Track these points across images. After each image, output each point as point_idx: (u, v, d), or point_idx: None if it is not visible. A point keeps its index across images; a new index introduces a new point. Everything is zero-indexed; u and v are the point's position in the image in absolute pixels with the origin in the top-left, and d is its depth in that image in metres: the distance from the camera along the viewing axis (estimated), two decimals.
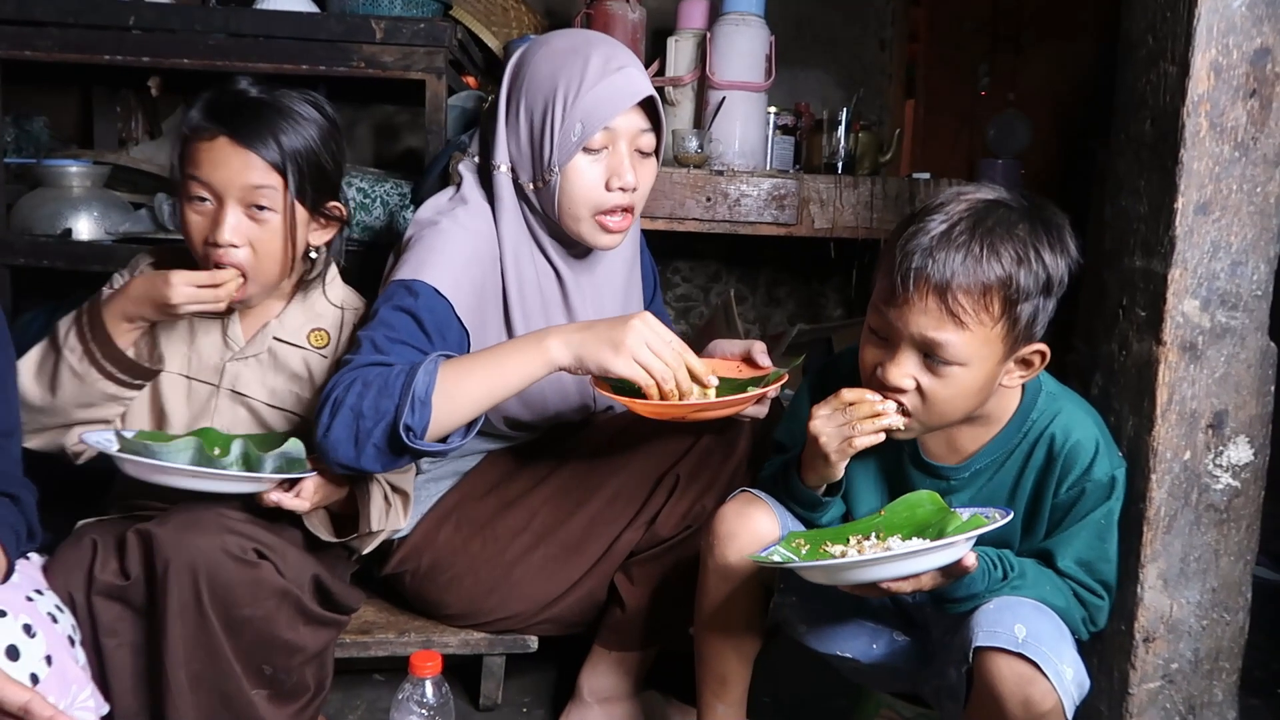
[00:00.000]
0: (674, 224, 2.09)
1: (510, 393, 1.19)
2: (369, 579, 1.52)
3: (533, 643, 1.52)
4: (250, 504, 1.26)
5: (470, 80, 2.41)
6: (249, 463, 1.24)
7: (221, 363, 1.38)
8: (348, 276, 1.50)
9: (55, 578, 1.15)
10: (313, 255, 1.40)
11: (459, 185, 1.43)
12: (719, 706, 1.32)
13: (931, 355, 1.10)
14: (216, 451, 1.26)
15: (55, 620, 1.05)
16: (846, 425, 1.13)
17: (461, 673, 1.65)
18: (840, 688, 1.48)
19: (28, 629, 0.99)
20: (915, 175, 2.18)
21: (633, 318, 1.17)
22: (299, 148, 1.30)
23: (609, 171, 1.34)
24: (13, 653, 0.97)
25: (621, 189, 1.34)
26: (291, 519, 1.31)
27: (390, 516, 1.33)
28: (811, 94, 2.63)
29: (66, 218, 2.14)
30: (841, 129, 2.20)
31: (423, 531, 1.47)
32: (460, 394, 1.16)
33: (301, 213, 1.33)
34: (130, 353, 1.28)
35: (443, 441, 1.18)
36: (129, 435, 1.27)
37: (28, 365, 1.29)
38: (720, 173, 2.09)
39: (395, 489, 1.35)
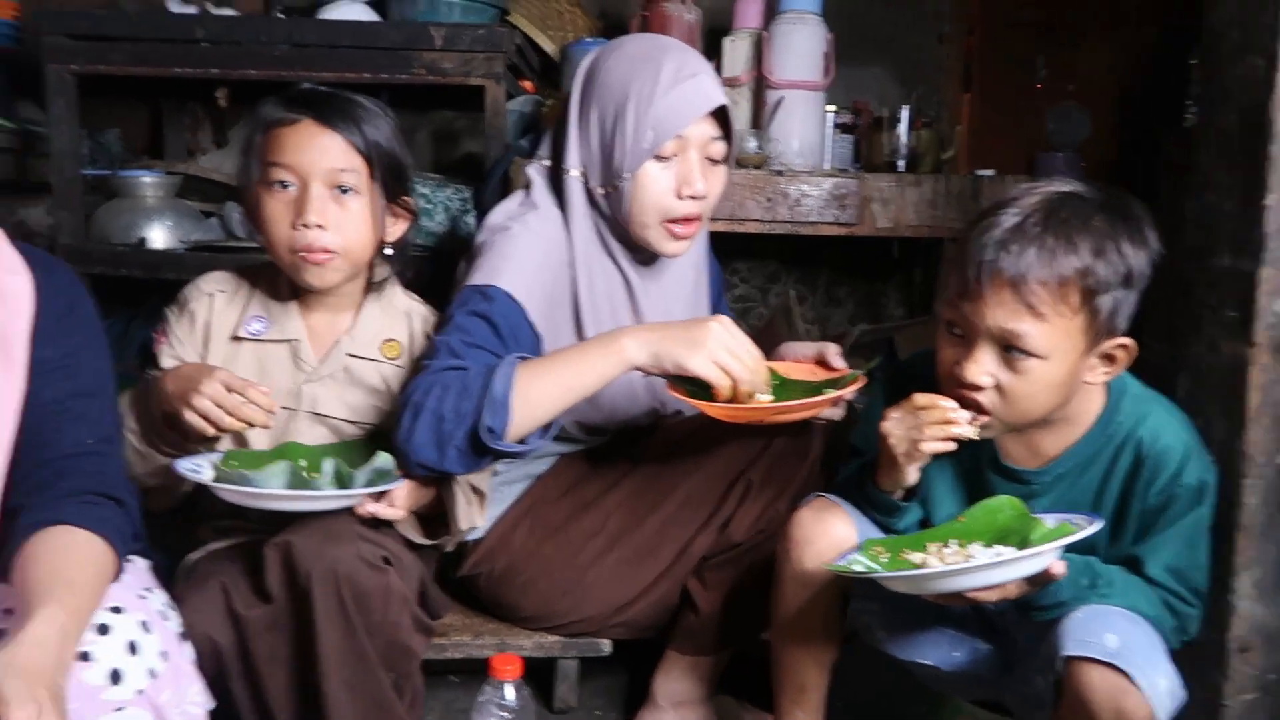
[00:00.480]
0: (734, 225, 2.08)
1: (587, 392, 1.20)
2: (444, 581, 1.53)
3: (606, 646, 1.53)
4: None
5: (527, 84, 2.43)
6: (341, 480, 1.25)
7: (296, 386, 1.36)
8: (411, 282, 1.51)
9: (191, 625, 1.15)
10: (386, 251, 1.39)
11: (528, 190, 1.44)
12: (797, 714, 1.31)
13: (1010, 349, 1.08)
14: (303, 465, 1.26)
15: (166, 618, 1.08)
16: (916, 429, 1.12)
17: (535, 676, 1.66)
18: (917, 694, 1.46)
19: (144, 625, 1.01)
20: (979, 172, 2.16)
21: (710, 320, 1.19)
22: (377, 137, 1.31)
23: (679, 180, 1.34)
24: (132, 648, 0.99)
25: (692, 197, 1.34)
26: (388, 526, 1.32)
27: (473, 515, 1.34)
28: (868, 91, 2.60)
29: (141, 227, 2.19)
30: (903, 126, 2.17)
31: (498, 534, 1.48)
32: (538, 395, 1.17)
33: (381, 201, 1.33)
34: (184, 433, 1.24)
35: (521, 442, 1.19)
36: (219, 457, 1.26)
37: None
38: (780, 173, 2.08)
39: (474, 489, 1.36)
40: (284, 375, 1.37)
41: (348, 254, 1.31)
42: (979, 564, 1.01)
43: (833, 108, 2.25)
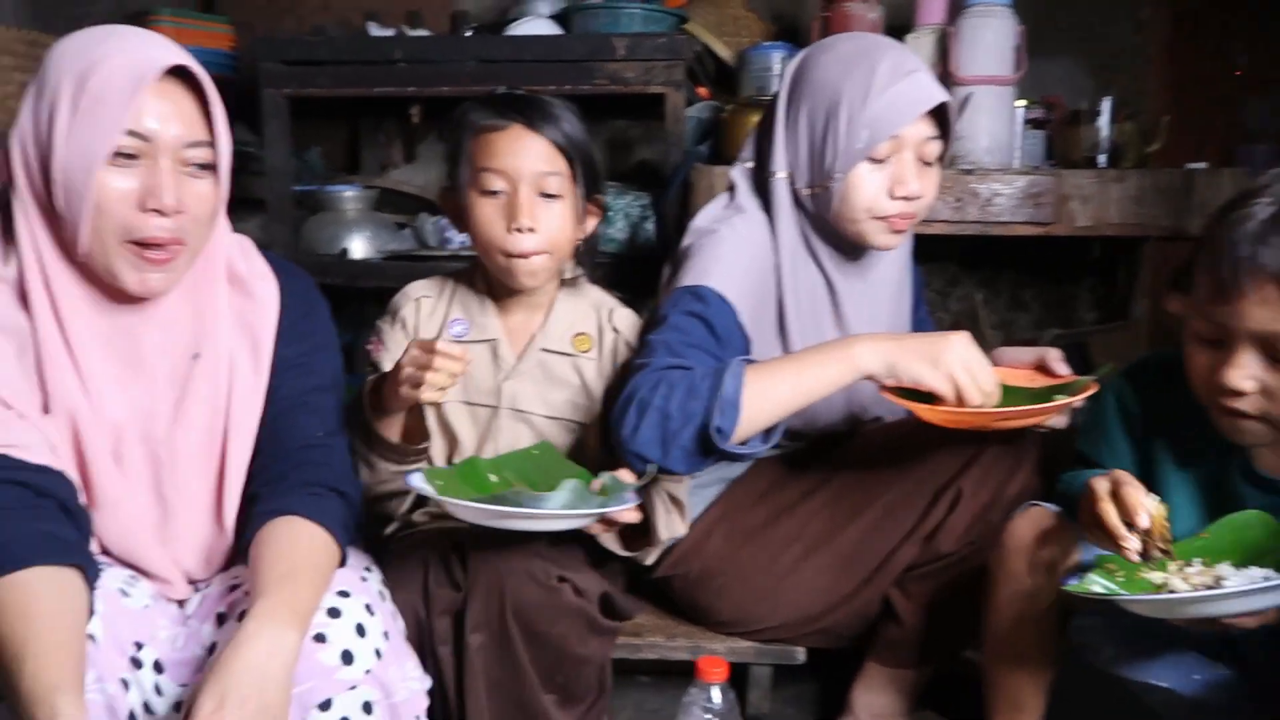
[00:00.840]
0: (921, 227, 2.00)
1: (815, 397, 1.20)
2: (638, 582, 1.55)
3: (800, 654, 1.51)
4: None
5: (702, 91, 2.44)
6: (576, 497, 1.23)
7: (496, 384, 1.41)
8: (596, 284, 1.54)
9: (400, 591, 1.23)
10: (579, 246, 1.43)
11: (732, 193, 1.44)
12: None
13: (1276, 352, 1.00)
14: (491, 479, 1.27)
15: (384, 598, 1.14)
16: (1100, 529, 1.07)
17: (728, 681, 1.66)
18: (1139, 716, 1.37)
19: (368, 608, 1.07)
20: (1190, 166, 2.02)
21: (953, 335, 1.17)
22: (577, 138, 1.35)
23: (892, 180, 1.32)
24: (360, 630, 1.05)
25: (905, 198, 1.31)
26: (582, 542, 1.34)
27: (673, 525, 1.36)
28: (1058, 84, 2.48)
29: (343, 238, 2.34)
30: (1104, 119, 2.06)
31: (694, 538, 1.48)
32: (767, 397, 1.18)
33: (580, 199, 1.36)
34: (395, 438, 1.29)
35: (743, 445, 1.19)
36: (448, 469, 1.28)
37: None
38: (969, 172, 2.01)
39: (673, 499, 1.37)
40: (485, 374, 1.42)
41: (554, 253, 1.36)
42: (1242, 589, 0.94)
43: (1022, 102, 2.16)
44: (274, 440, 1.14)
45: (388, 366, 1.41)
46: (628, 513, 1.19)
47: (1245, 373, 1.02)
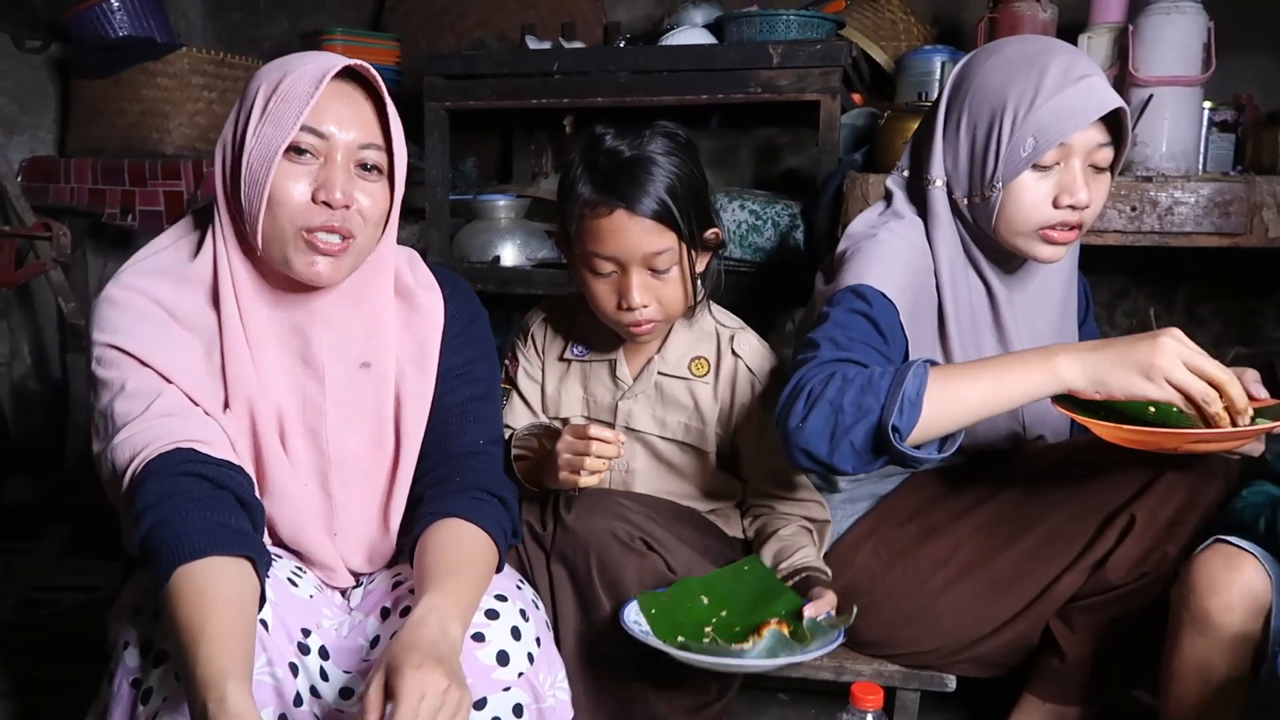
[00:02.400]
0: (1092, 238, 1.90)
1: (1005, 407, 1.14)
2: None
3: (951, 682, 1.45)
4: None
5: (856, 97, 2.39)
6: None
7: (614, 402, 1.46)
8: (730, 295, 1.55)
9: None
10: (697, 283, 1.42)
11: (889, 200, 1.41)
12: None
13: None
14: (703, 600, 1.31)
15: (538, 607, 1.16)
16: None
17: None
18: None
19: (523, 614, 1.10)
20: None
21: (1161, 334, 1.08)
22: (681, 192, 1.32)
23: (1059, 188, 1.25)
24: (515, 634, 1.08)
25: (1071, 206, 1.24)
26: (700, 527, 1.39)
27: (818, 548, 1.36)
28: (1249, 83, 2.30)
29: (495, 245, 2.41)
30: None
31: (839, 553, 1.45)
32: (953, 400, 1.13)
33: (692, 256, 1.37)
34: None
35: (917, 449, 1.15)
36: (662, 592, 1.30)
37: None
38: (1147, 179, 1.88)
39: (814, 520, 1.37)
40: (604, 392, 1.48)
41: (668, 319, 1.40)
42: None
43: (1209, 104, 2.01)
44: (438, 447, 1.19)
45: (523, 380, 1.51)
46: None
47: None
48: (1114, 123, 1.26)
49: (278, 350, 1.15)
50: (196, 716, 0.88)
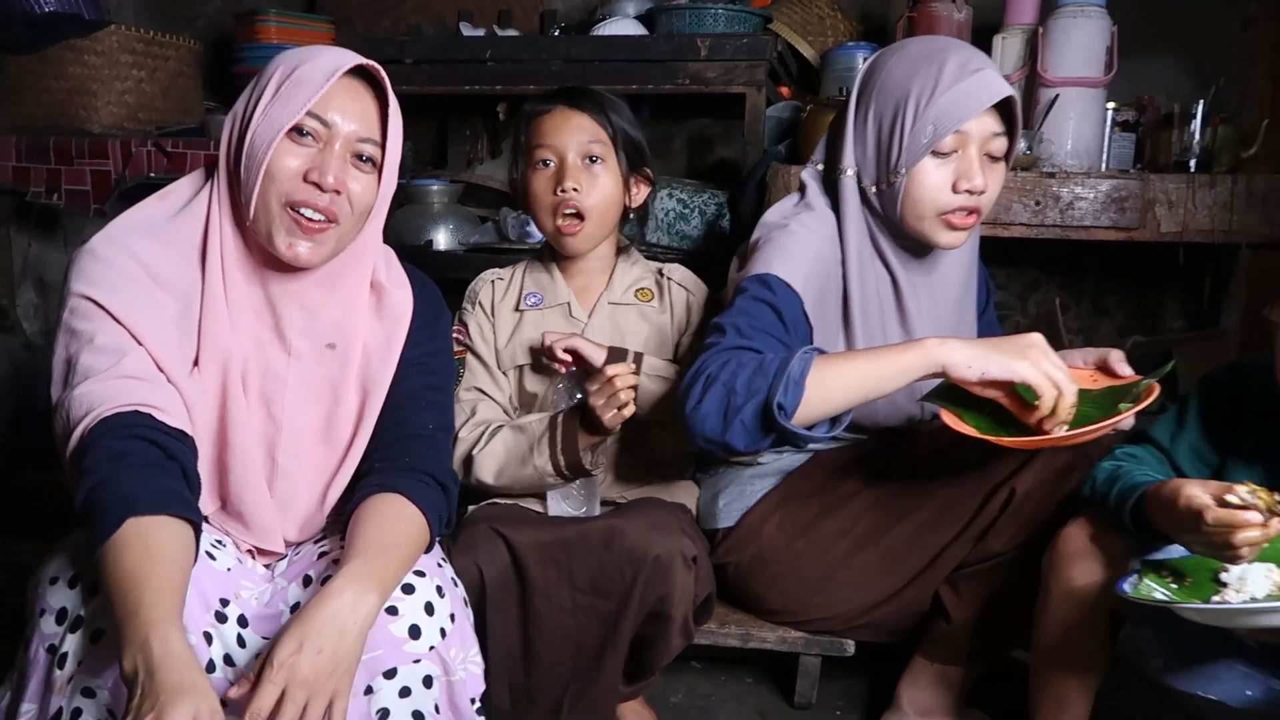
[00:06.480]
0: (998, 230, 2.00)
1: (884, 389, 1.22)
2: None
3: (850, 646, 1.53)
4: None
5: (784, 90, 2.45)
6: None
7: None
8: None
9: (463, 555, 1.34)
10: (630, 215, 1.59)
11: (803, 192, 1.47)
12: None
13: None
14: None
15: (456, 585, 1.21)
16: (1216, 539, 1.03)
17: (777, 670, 1.69)
18: None
19: (439, 590, 1.14)
20: None
21: (1032, 335, 1.19)
22: (619, 116, 1.53)
23: (957, 174, 1.33)
24: (429, 609, 1.12)
25: (969, 191, 1.32)
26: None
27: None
28: (1156, 86, 2.40)
29: (429, 230, 2.44)
30: (1196, 122, 1.99)
31: (748, 525, 1.52)
32: (834, 380, 1.21)
33: (624, 169, 1.52)
34: (588, 461, 1.46)
35: (808, 429, 1.22)
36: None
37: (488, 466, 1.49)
38: (1051, 175, 1.98)
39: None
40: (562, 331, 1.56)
41: (599, 212, 1.51)
42: None
43: (1113, 104, 2.11)
44: (390, 428, 1.24)
45: (479, 348, 1.59)
46: None
47: None
48: (1009, 115, 1.34)
49: (251, 318, 1.20)
50: (136, 654, 0.91)
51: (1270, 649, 1.15)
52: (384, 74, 1.17)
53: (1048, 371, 1.16)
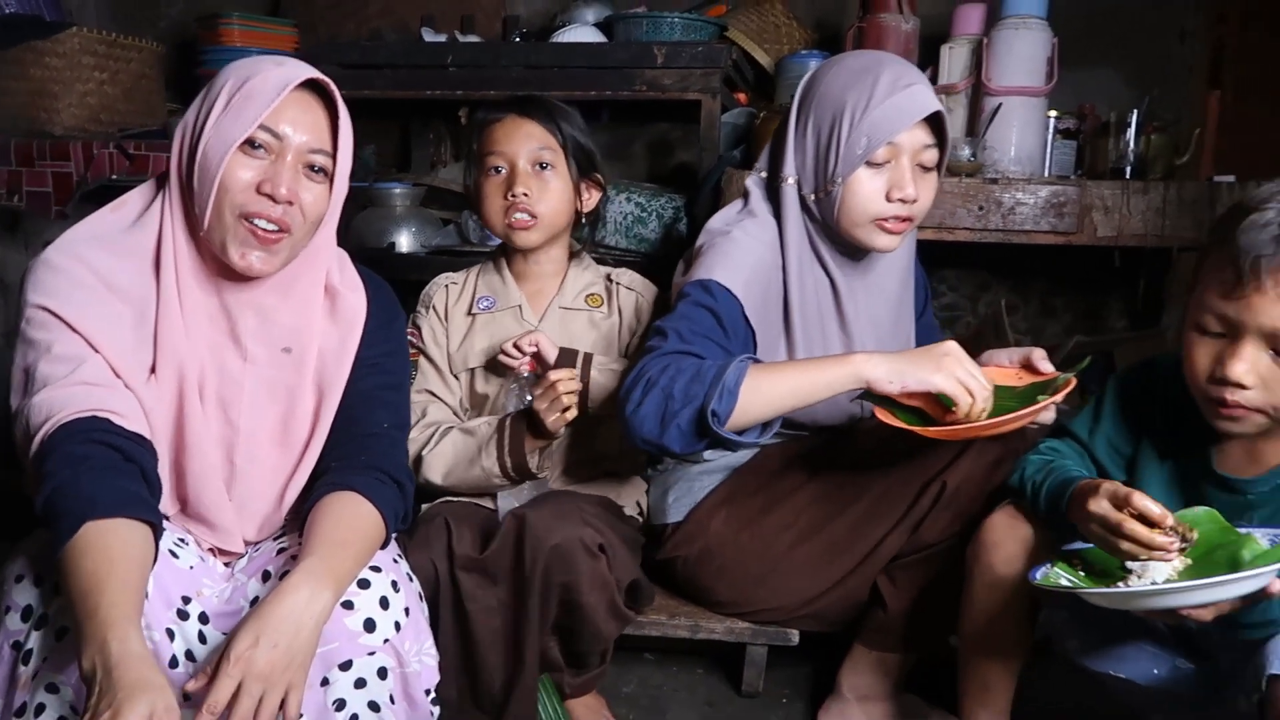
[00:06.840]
0: (943, 234, 2.07)
1: (812, 399, 1.28)
2: (645, 565, 1.64)
3: (794, 636, 1.59)
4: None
5: (741, 97, 2.51)
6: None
7: None
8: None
9: (419, 551, 1.37)
10: (583, 220, 1.64)
11: (746, 199, 1.53)
12: (981, 714, 1.31)
13: None
14: None
15: (411, 580, 1.24)
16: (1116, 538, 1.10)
17: (725, 660, 1.75)
18: (1110, 706, 1.41)
19: (394, 585, 1.18)
20: (1217, 179, 2.03)
21: (948, 344, 1.26)
22: (568, 125, 1.58)
23: (890, 184, 1.39)
24: (384, 603, 1.15)
25: (901, 200, 1.38)
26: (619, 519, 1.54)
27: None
28: (1097, 94, 2.49)
29: (391, 233, 2.47)
30: (1131, 131, 2.07)
31: (696, 520, 1.57)
32: (766, 390, 1.26)
33: (574, 175, 1.57)
34: (534, 464, 1.49)
35: (740, 434, 1.28)
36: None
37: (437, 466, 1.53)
38: (994, 181, 2.05)
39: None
40: (512, 336, 1.59)
41: (550, 217, 1.56)
42: (1195, 584, 0.99)
43: (1054, 113, 2.19)
44: (346, 428, 1.27)
45: (430, 348, 1.63)
46: None
47: (1249, 366, 1.06)
48: (940, 128, 1.40)
49: (206, 325, 1.22)
50: (94, 654, 0.93)
51: (1180, 631, 1.22)
52: (334, 86, 1.20)
53: (961, 379, 1.23)
